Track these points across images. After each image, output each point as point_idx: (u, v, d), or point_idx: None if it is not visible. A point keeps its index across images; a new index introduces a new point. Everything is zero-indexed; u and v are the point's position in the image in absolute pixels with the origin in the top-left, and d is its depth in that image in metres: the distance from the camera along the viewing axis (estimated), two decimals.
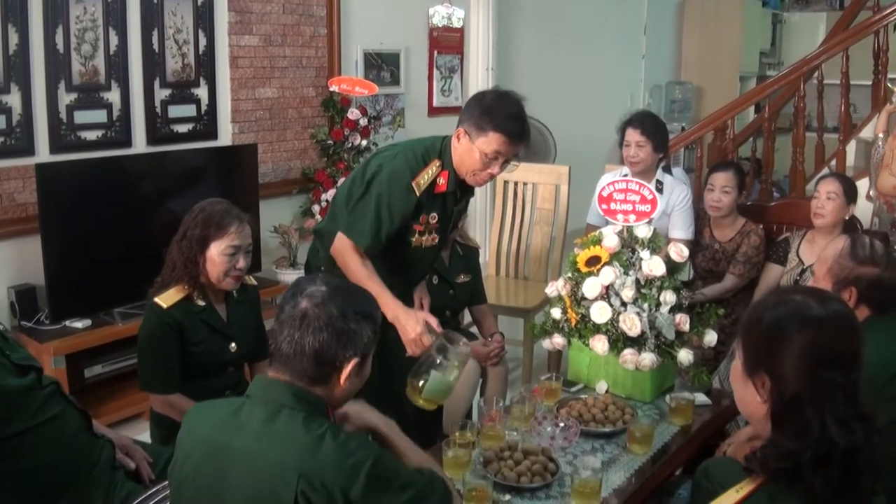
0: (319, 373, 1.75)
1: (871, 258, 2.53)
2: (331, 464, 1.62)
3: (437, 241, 2.99)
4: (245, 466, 1.66)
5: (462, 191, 2.95)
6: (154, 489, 2.12)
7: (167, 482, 2.00)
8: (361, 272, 2.72)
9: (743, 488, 1.54)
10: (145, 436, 2.86)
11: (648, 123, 3.85)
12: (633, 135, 3.83)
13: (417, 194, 2.77)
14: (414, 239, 2.90)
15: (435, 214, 2.89)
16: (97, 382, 3.87)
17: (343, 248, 2.77)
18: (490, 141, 2.71)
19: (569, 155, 5.63)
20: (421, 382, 2.41)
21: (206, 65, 4.48)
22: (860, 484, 1.48)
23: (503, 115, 2.71)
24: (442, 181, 2.84)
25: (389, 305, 2.68)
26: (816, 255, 2.94)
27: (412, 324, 2.67)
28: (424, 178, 2.78)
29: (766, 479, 1.54)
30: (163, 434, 2.76)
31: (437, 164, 2.82)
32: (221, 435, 1.73)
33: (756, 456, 1.58)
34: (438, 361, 2.42)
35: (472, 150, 2.74)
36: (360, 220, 2.75)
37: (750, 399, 1.64)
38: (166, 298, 2.66)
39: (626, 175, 3.64)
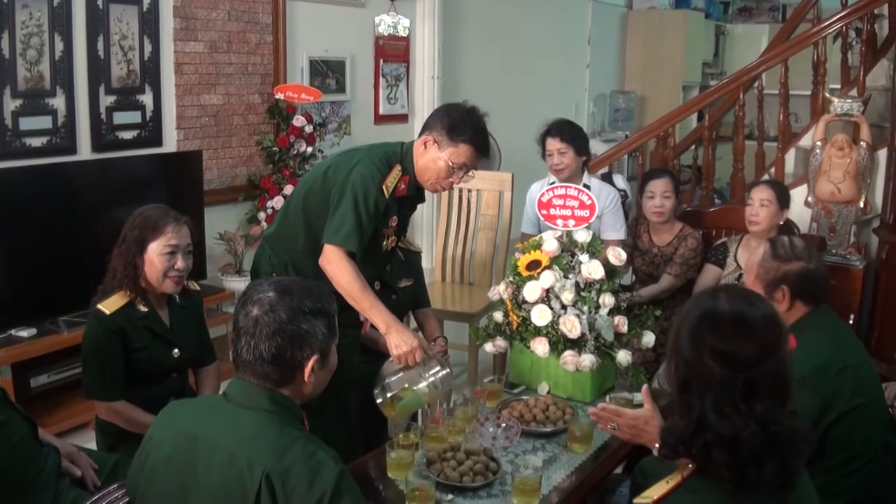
0: (281, 374, 1.81)
1: (794, 253, 2.61)
2: (297, 469, 1.66)
3: (395, 244, 3.07)
4: (216, 459, 1.70)
5: (417, 197, 3.03)
6: (99, 494, 2.12)
7: (112, 487, 2.02)
8: (354, 286, 2.75)
9: (672, 479, 1.61)
10: (92, 445, 2.85)
11: (566, 130, 3.94)
12: (553, 143, 3.93)
13: (386, 196, 2.84)
14: (385, 242, 2.97)
15: (395, 218, 2.96)
16: (43, 392, 3.82)
17: (332, 258, 2.78)
18: (459, 153, 2.82)
19: (513, 162, 5.71)
20: (391, 395, 2.50)
21: (151, 71, 4.46)
22: (763, 472, 1.56)
23: (473, 128, 2.83)
24: (402, 186, 2.90)
25: (383, 318, 2.74)
26: None
27: (406, 337, 2.71)
28: (390, 181, 2.85)
29: (692, 472, 1.60)
30: (108, 441, 2.75)
31: (399, 168, 2.89)
32: (196, 427, 1.78)
33: (662, 439, 1.72)
34: (430, 380, 2.54)
35: (438, 159, 2.84)
36: (343, 224, 2.78)
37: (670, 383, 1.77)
38: (109, 305, 2.66)
39: (553, 183, 3.70)
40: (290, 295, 1.83)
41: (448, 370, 2.63)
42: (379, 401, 2.56)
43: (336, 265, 2.77)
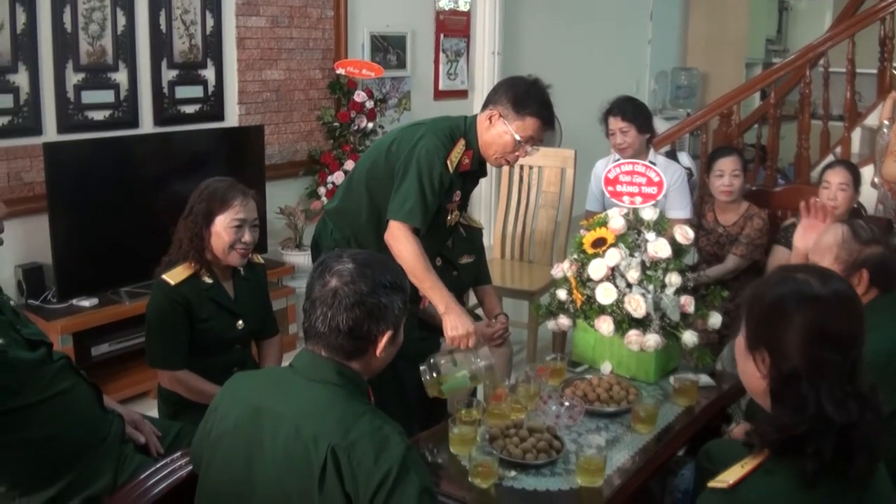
0: (355, 347, 1.80)
1: (874, 237, 2.54)
2: (363, 443, 1.65)
3: (459, 218, 3.07)
4: (281, 432, 1.70)
5: (480, 171, 3.01)
6: (163, 462, 2.14)
7: (176, 455, 2.04)
8: (419, 264, 2.75)
9: (747, 464, 1.56)
10: (152, 413, 2.88)
11: (628, 108, 3.87)
12: (615, 122, 3.87)
13: (451, 171, 2.83)
14: (450, 217, 2.96)
15: (459, 192, 2.95)
16: (103, 361, 3.89)
17: (398, 234, 2.78)
18: (527, 126, 2.82)
19: (574, 139, 5.64)
20: (437, 375, 2.50)
21: (213, 46, 4.48)
22: (855, 461, 1.49)
23: (539, 101, 2.83)
24: (466, 161, 2.89)
25: (443, 299, 2.77)
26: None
27: (464, 321, 2.74)
28: (454, 156, 2.83)
29: (768, 456, 1.55)
30: (170, 410, 2.78)
31: (463, 143, 2.87)
32: (263, 399, 1.78)
33: (756, 430, 1.60)
34: (473, 368, 2.53)
35: (505, 133, 2.83)
36: (407, 200, 2.77)
37: (751, 373, 1.66)
38: (174, 276, 2.67)
39: (618, 160, 3.65)
40: (371, 267, 1.81)
41: (492, 361, 2.58)
42: (425, 378, 2.54)
43: (402, 242, 2.76)
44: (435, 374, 2.53)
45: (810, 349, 1.54)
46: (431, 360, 2.58)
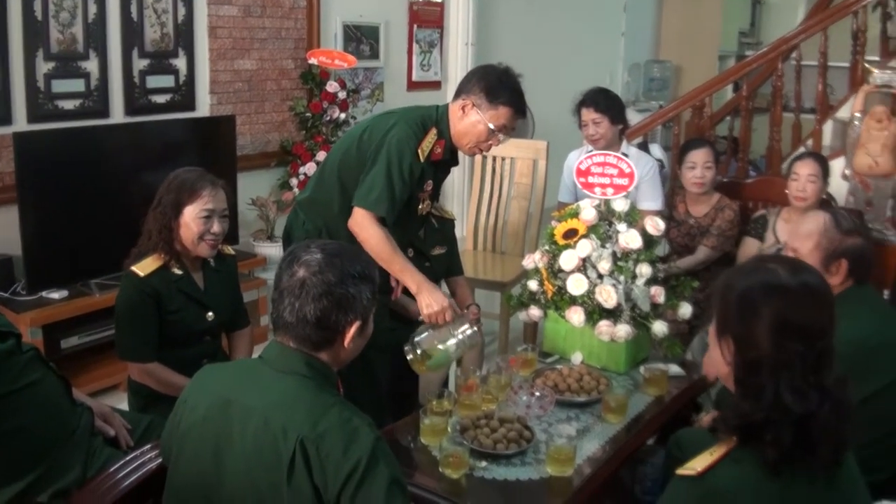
0: (322, 338, 1.79)
1: (856, 228, 2.57)
2: (332, 435, 1.65)
3: (430, 208, 3.07)
4: (250, 424, 1.70)
5: (452, 160, 3.01)
6: (132, 454, 2.13)
7: (146, 448, 2.03)
8: (384, 248, 2.75)
9: (715, 451, 1.58)
10: (122, 406, 2.87)
11: (601, 99, 3.89)
12: (588, 114, 3.89)
13: (422, 160, 2.83)
14: (421, 206, 2.96)
15: (430, 182, 2.94)
16: (73, 354, 3.86)
17: (362, 222, 2.77)
18: (500, 114, 2.82)
19: (547, 131, 5.65)
20: (420, 352, 2.57)
21: (184, 35, 4.45)
22: (818, 451, 1.51)
23: (511, 89, 2.84)
24: (438, 150, 2.89)
25: (414, 279, 2.78)
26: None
27: (438, 297, 2.75)
28: (426, 145, 2.83)
29: (735, 444, 1.57)
30: (140, 402, 2.76)
31: (435, 132, 2.88)
32: (232, 391, 1.77)
33: (720, 416, 1.64)
34: (457, 339, 2.61)
35: (478, 122, 2.84)
36: (373, 189, 2.77)
37: (718, 360, 1.69)
38: (143, 267, 2.66)
39: (590, 152, 3.66)
40: (340, 257, 1.80)
41: (475, 328, 2.68)
42: (409, 357, 2.60)
43: (366, 229, 2.76)
44: (419, 352, 2.57)
45: (774, 339, 1.56)
46: (415, 339, 2.64)
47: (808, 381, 1.54)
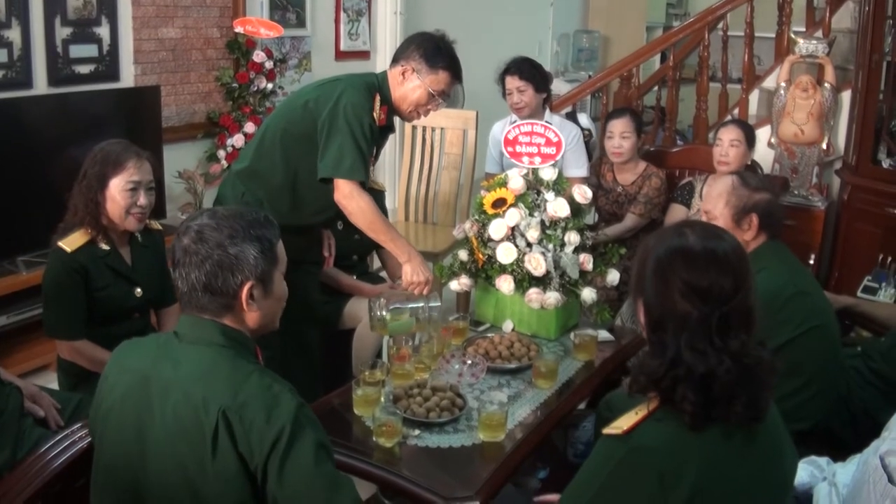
0: (218, 304, 1.76)
1: (763, 185, 2.71)
2: (254, 403, 1.64)
3: (372, 174, 3.11)
4: (170, 399, 1.68)
5: (389, 127, 3.07)
6: (62, 434, 2.10)
7: (76, 427, 2.00)
8: (376, 220, 2.88)
9: (640, 411, 1.63)
10: (53, 386, 2.82)
11: (525, 68, 3.94)
12: (512, 82, 3.94)
13: (376, 123, 2.88)
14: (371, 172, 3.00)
15: (374, 148, 2.96)
16: (1, 334, 3.75)
17: (349, 192, 2.82)
18: (440, 79, 2.92)
19: (476, 101, 5.64)
20: (386, 314, 2.70)
21: (107, 2, 4.32)
22: (734, 407, 1.57)
23: (449, 55, 2.93)
24: (382, 116, 2.93)
25: (405, 250, 2.91)
26: None
27: (425, 269, 2.92)
28: (375, 110, 2.87)
29: (659, 404, 1.63)
30: (70, 381, 2.73)
31: (379, 98, 2.91)
32: (149, 367, 1.74)
33: (631, 375, 1.71)
34: (422, 315, 2.74)
35: (418, 87, 2.92)
36: (344, 157, 2.79)
37: (639, 320, 1.75)
38: (70, 242, 2.61)
39: (515, 122, 3.70)
40: (224, 219, 1.77)
41: (439, 303, 2.80)
42: (373, 313, 2.69)
43: (356, 199, 2.82)
44: (383, 313, 2.67)
45: (677, 299, 1.62)
46: (382, 299, 2.71)
47: (711, 342, 1.59)
